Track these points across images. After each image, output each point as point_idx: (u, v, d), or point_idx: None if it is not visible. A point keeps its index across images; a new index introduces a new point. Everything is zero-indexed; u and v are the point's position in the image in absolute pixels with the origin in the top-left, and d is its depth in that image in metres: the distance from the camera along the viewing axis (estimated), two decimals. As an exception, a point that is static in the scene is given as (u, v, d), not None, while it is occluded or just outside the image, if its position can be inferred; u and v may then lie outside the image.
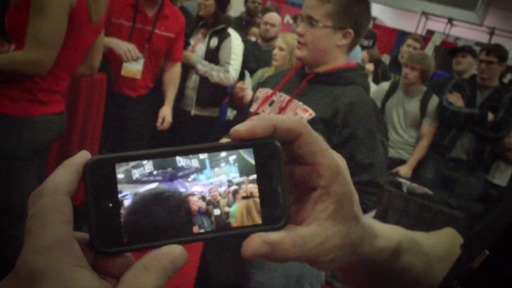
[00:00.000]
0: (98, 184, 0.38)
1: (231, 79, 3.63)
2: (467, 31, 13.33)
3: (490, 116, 3.56)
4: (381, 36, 8.91)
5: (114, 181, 0.39)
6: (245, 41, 4.93)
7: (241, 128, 0.41)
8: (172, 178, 0.42)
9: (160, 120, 3.26)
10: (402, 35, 9.41)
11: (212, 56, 3.68)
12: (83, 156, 0.39)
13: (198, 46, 3.71)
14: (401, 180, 3.45)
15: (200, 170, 0.42)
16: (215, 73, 3.61)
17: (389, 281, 0.55)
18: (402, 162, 3.96)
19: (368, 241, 0.48)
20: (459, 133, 3.70)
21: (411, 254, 0.56)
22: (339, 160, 0.44)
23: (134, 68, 3.08)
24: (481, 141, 3.65)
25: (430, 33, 11.30)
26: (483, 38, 12.63)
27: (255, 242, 0.40)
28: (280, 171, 0.42)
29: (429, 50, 8.51)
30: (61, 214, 0.35)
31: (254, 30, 5.41)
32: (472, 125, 3.62)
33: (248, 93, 3.52)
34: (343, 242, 0.44)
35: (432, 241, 0.62)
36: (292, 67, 3.44)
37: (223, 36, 3.67)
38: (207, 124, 3.89)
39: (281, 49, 3.43)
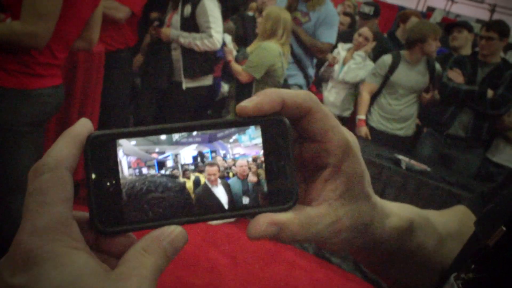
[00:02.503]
0: (100, 161, 0.37)
1: (216, 42, 3.55)
2: (467, 8, 13.19)
3: (490, 93, 3.53)
4: (381, 13, 8.80)
5: (115, 158, 0.38)
6: (243, 16, 4.89)
7: (248, 104, 0.39)
8: (211, 139, 0.40)
9: None
10: (402, 12, 9.28)
11: (189, 24, 3.58)
12: (83, 124, 0.37)
13: (174, 18, 3.64)
14: (400, 156, 3.44)
15: (241, 131, 0.40)
16: (199, 42, 3.53)
17: (402, 260, 0.54)
18: (398, 138, 3.98)
19: (380, 221, 0.46)
20: (458, 110, 3.68)
21: (423, 233, 0.54)
22: (350, 137, 0.42)
23: None
24: (480, 118, 3.62)
25: (431, 10, 11.18)
26: (484, 15, 12.51)
27: (262, 223, 0.39)
28: (288, 150, 0.40)
29: (430, 27, 8.41)
30: (61, 192, 0.34)
31: (253, 5, 5.35)
32: (471, 102, 3.60)
33: (244, 75, 3.53)
34: (354, 223, 0.43)
35: (444, 219, 0.60)
36: (265, 34, 3.48)
37: (195, 1, 3.55)
38: (201, 95, 3.82)
39: (260, 16, 3.46)
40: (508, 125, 3.63)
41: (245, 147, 0.41)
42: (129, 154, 0.38)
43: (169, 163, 0.40)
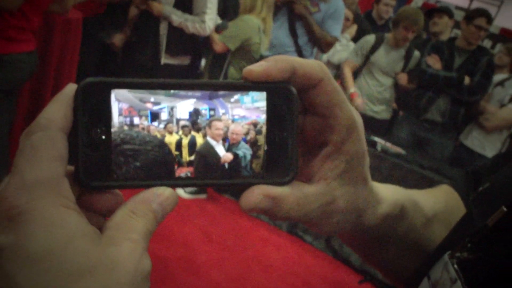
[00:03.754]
0: (90, 110, 0.34)
1: (207, 29, 3.46)
2: (448, -6, 13.25)
3: (467, 79, 3.59)
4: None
5: (109, 109, 0.35)
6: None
7: (256, 68, 0.37)
8: (212, 96, 0.38)
9: None
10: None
11: (184, 3, 3.47)
12: (73, 88, 0.35)
13: None
14: (376, 139, 3.48)
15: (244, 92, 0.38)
16: (190, 24, 3.43)
17: (391, 245, 0.53)
18: (375, 121, 4.01)
19: (372, 207, 0.45)
20: (435, 95, 3.73)
21: (412, 217, 0.53)
22: (357, 116, 0.40)
23: None
24: (456, 104, 3.69)
25: (412, -6, 11.19)
26: (463, 2, 12.60)
27: (256, 195, 0.37)
28: (292, 121, 0.38)
29: (410, 11, 8.44)
30: (53, 150, 0.32)
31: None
32: (449, 88, 3.65)
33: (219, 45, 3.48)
34: (349, 206, 0.41)
35: (431, 201, 0.59)
36: (245, 9, 3.42)
37: None
38: (178, 73, 3.72)
39: None
40: (481, 109, 3.71)
41: (246, 109, 0.38)
42: (120, 100, 0.35)
43: (164, 115, 0.37)
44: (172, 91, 0.37)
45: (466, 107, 3.72)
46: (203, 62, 4.30)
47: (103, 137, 0.35)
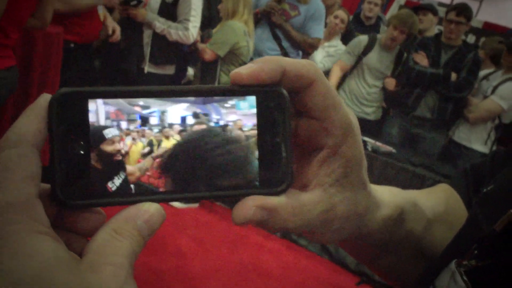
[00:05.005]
0: (66, 122, 0.31)
1: (190, 37, 3.46)
2: (430, -9, 13.37)
3: (453, 76, 3.62)
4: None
5: (86, 120, 0.32)
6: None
7: (244, 71, 0.34)
8: (206, 101, 0.35)
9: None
10: (366, -6, 9.31)
11: (168, 10, 3.45)
12: (46, 99, 0.31)
13: None
14: (366, 138, 3.48)
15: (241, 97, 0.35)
16: (173, 31, 3.42)
17: (391, 250, 0.51)
18: (365, 122, 4.01)
19: (372, 212, 0.43)
20: (423, 92, 3.75)
21: (413, 220, 0.51)
22: (353, 118, 0.38)
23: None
24: (444, 100, 3.71)
25: (395, -8, 11.26)
26: (445, -2, 12.71)
27: (250, 207, 0.34)
28: (285, 126, 0.35)
29: (394, 9, 8.50)
30: (25, 169, 0.29)
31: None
32: (436, 85, 3.67)
33: (209, 53, 3.48)
34: (348, 213, 0.39)
35: (431, 202, 0.57)
36: (228, 15, 3.44)
37: None
38: (162, 82, 3.69)
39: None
40: (467, 103, 3.73)
41: (242, 115, 0.36)
42: (107, 103, 0.32)
43: (154, 120, 0.34)
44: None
45: (454, 103, 3.73)
46: (190, 71, 4.28)
47: (81, 151, 0.32)
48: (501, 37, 4.62)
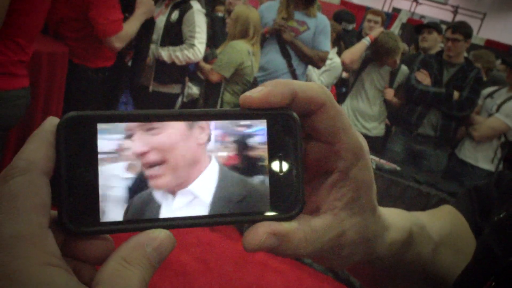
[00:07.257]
0: (74, 147, 0.31)
1: (198, 53, 3.45)
2: (431, 9, 13.49)
3: (456, 95, 3.62)
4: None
5: (94, 145, 0.31)
6: (212, 16, 4.84)
7: (254, 94, 0.34)
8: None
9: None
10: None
11: (173, 29, 3.48)
12: (54, 123, 0.31)
13: (159, 18, 3.52)
14: (370, 156, 3.47)
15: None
16: (179, 54, 3.43)
17: (398, 273, 0.50)
18: (369, 139, 4.00)
19: (381, 236, 0.42)
20: (426, 110, 3.74)
21: (420, 243, 0.51)
22: (363, 141, 0.37)
23: None
24: (447, 118, 3.70)
25: (396, 11, 11.37)
26: (447, 16, 12.81)
27: (261, 233, 0.34)
28: (296, 150, 0.35)
29: (396, 27, 8.55)
30: (34, 198, 0.28)
31: (221, 7, 5.32)
32: (438, 104, 3.67)
33: (215, 75, 3.50)
34: (359, 237, 0.38)
35: (437, 226, 0.56)
36: (235, 36, 3.45)
37: (185, 8, 3.45)
38: (168, 101, 3.71)
39: (229, 17, 3.50)
40: (470, 120, 3.72)
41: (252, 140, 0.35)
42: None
43: None
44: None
45: (457, 121, 3.73)
46: (195, 90, 4.29)
47: (89, 177, 0.31)
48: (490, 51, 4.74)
